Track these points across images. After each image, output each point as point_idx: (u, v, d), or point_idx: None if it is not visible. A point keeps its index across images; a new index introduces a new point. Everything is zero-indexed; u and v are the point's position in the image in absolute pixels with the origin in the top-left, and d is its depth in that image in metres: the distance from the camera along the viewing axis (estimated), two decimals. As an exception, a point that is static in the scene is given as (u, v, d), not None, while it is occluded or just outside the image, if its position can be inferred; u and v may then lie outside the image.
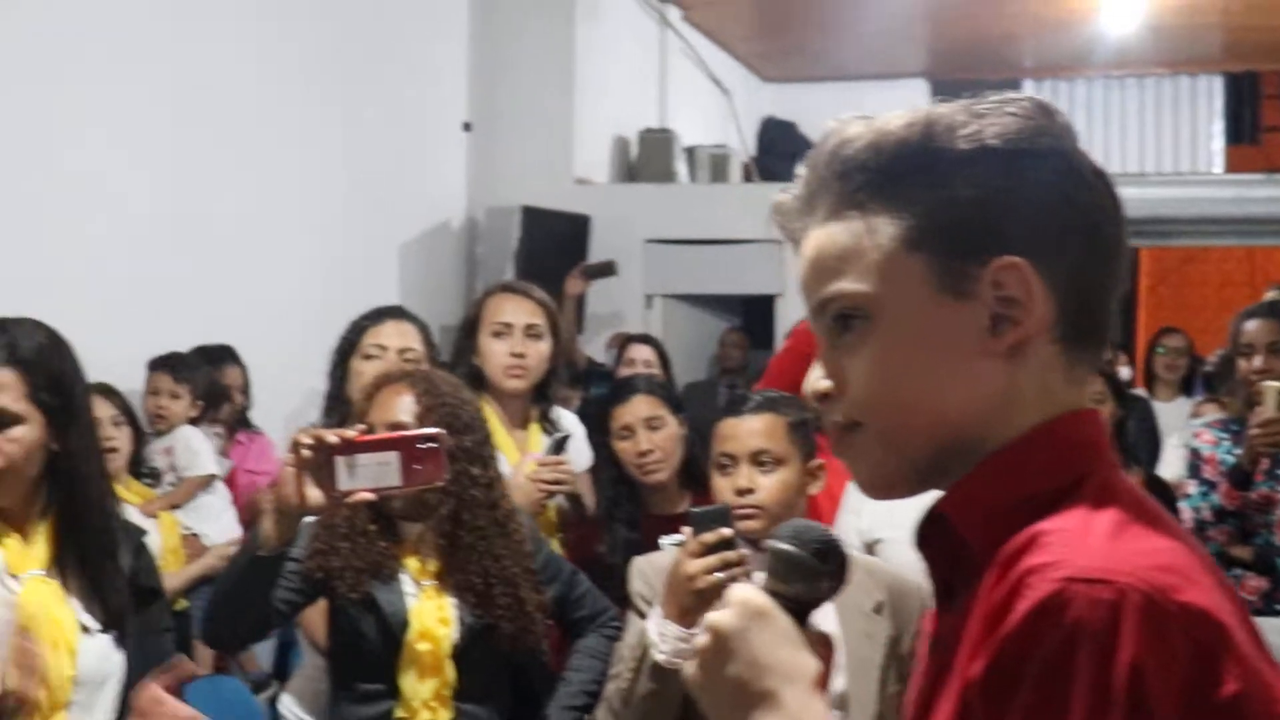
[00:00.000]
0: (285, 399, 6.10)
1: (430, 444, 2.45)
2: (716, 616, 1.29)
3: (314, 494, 2.41)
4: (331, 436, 2.41)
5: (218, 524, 5.09)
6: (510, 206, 7.95)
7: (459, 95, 8.36)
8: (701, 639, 1.30)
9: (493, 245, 8.09)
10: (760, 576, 1.38)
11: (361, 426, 2.60)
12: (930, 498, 1.30)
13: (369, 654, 2.80)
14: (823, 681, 1.27)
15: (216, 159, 6.04)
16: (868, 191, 1.26)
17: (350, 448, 2.40)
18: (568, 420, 4.03)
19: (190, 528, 4.99)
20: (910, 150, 1.25)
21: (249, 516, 5.32)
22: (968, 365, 1.24)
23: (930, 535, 1.29)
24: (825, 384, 1.30)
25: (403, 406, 2.81)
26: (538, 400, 3.88)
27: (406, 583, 2.84)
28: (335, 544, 2.77)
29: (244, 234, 6.18)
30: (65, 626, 2.43)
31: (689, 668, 1.32)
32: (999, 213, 1.22)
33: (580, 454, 3.98)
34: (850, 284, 1.26)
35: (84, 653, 2.45)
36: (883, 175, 1.26)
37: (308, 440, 2.41)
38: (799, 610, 1.31)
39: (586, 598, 3.14)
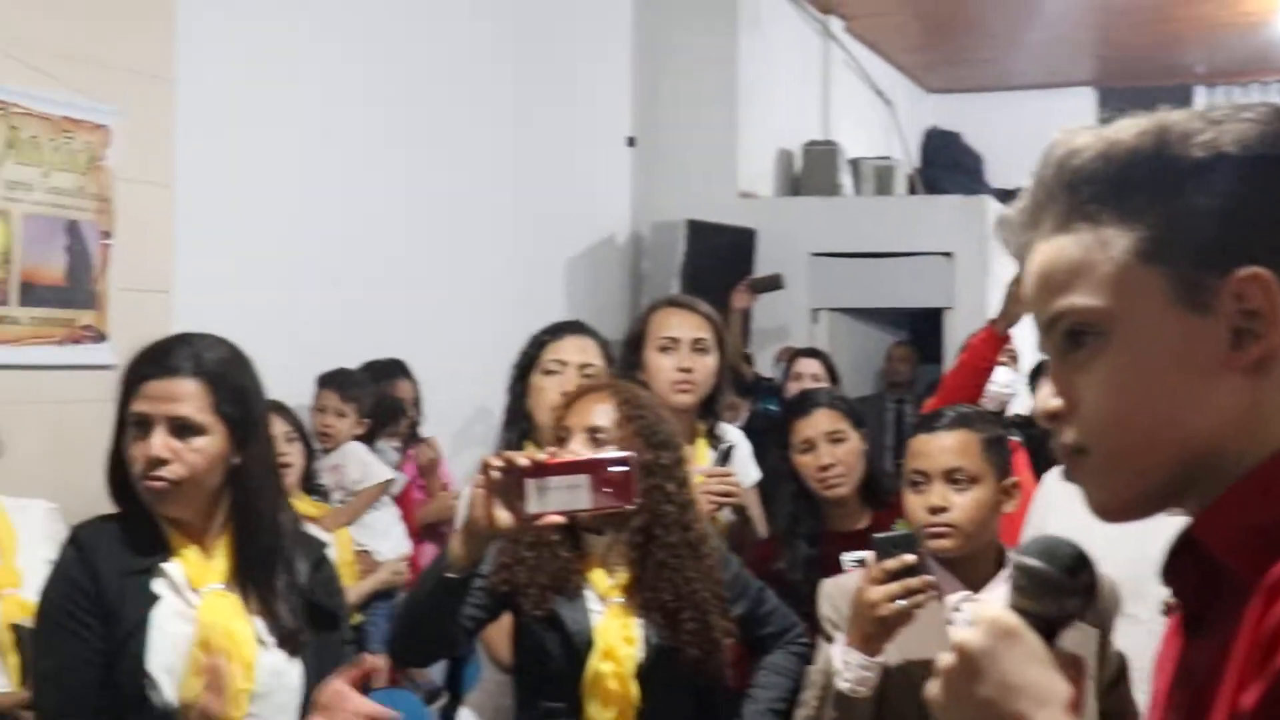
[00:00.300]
0: (454, 413, 6.12)
1: (621, 467, 2.41)
2: (964, 636, 1.24)
3: (504, 516, 2.38)
4: (522, 459, 2.38)
5: (388, 540, 5.11)
6: (675, 221, 7.91)
7: (622, 110, 8.35)
8: (947, 659, 1.25)
9: (658, 260, 8.05)
10: (950, 600, 1.31)
11: (552, 449, 2.57)
12: (1148, 523, 1.24)
13: (553, 672, 2.76)
14: (1075, 705, 1.20)
15: (386, 175, 6.10)
16: (1098, 203, 1.21)
17: (541, 470, 2.38)
18: (733, 434, 3.97)
19: (362, 544, 5.02)
20: (1143, 159, 1.20)
21: (421, 528, 5.39)
22: (1208, 382, 1.17)
23: (1179, 563, 1.21)
24: (1056, 403, 1.24)
25: (601, 413, 2.77)
26: (704, 416, 3.82)
27: (591, 599, 2.79)
28: (520, 555, 2.74)
29: (414, 249, 6.23)
30: (243, 640, 2.43)
31: (931, 688, 1.26)
32: (1239, 222, 1.16)
33: (746, 468, 3.92)
34: (1082, 299, 1.20)
35: (260, 666, 2.44)
36: (1114, 185, 1.20)
37: (498, 462, 2.38)
38: (1047, 629, 1.25)
39: (774, 615, 3.08)
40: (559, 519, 2.41)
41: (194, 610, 2.43)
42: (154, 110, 4.93)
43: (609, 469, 2.40)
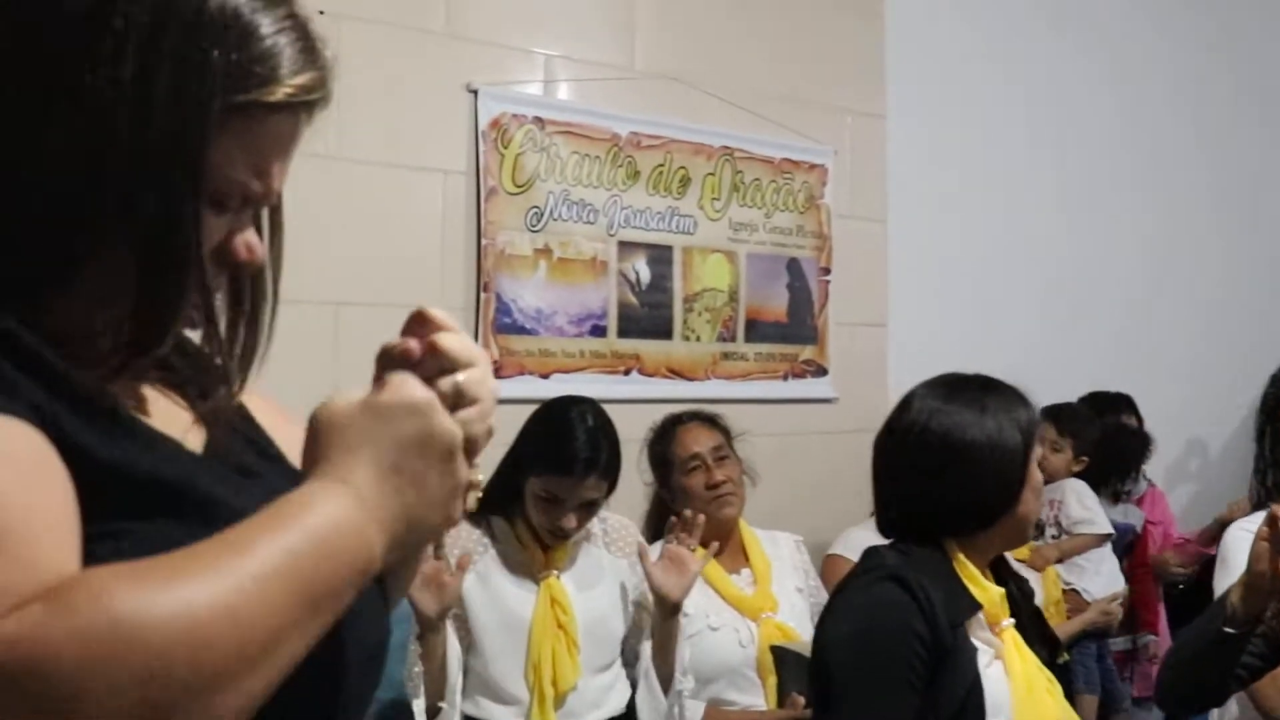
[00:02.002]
0: (1166, 449, 5.61)
1: None
2: None
3: None
4: None
5: (1099, 578, 4.70)
6: None
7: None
8: None
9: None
10: None
11: None
12: None
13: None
14: None
15: (1095, 206, 5.74)
16: None
17: None
18: None
19: (1070, 583, 4.64)
20: None
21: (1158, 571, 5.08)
22: None
23: None
24: None
25: None
26: None
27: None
28: None
29: (1123, 279, 5.81)
30: (1045, 676, 2.31)
31: None
32: None
33: None
34: None
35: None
36: None
37: None
38: None
39: None
40: None
41: (993, 650, 2.29)
42: (866, 148, 4.86)
43: None
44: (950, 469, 2.34)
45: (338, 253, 3.54)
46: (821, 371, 4.67)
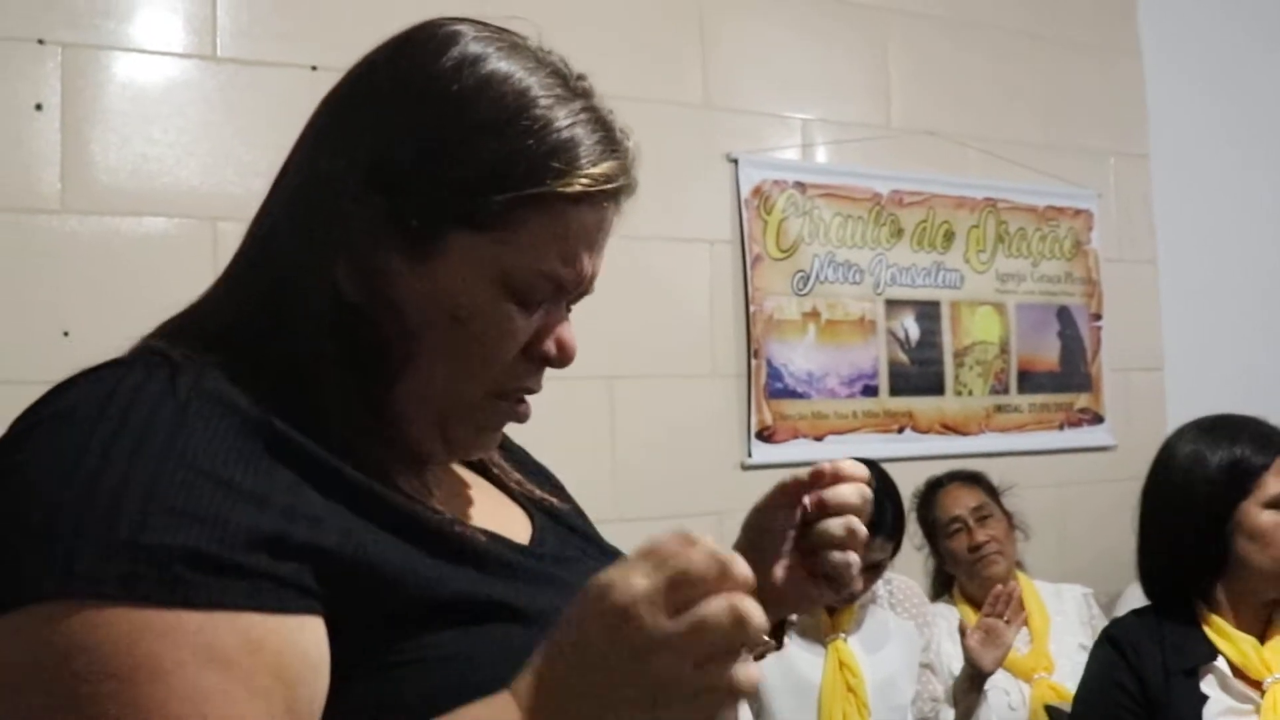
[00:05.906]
0: None
1: None
2: None
3: None
4: None
5: None
6: None
7: None
8: None
9: None
10: None
11: None
12: None
13: None
14: None
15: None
16: None
17: None
18: None
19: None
20: None
21: None
22: None
23: None
24: None
25: None
26: None
27: None
28: None
29: None
30: None
31: None
32: None
33: None
34: None
35: None
36: None
37: None
38: None
39: None
40: None
41: (1250, 705, 2.03)
42: (1131, 189, 4.49)
43: None
44: (1154, 518, 2.19)
45: (609, 327, 3.36)
46: (1098, 419, 4.28)
